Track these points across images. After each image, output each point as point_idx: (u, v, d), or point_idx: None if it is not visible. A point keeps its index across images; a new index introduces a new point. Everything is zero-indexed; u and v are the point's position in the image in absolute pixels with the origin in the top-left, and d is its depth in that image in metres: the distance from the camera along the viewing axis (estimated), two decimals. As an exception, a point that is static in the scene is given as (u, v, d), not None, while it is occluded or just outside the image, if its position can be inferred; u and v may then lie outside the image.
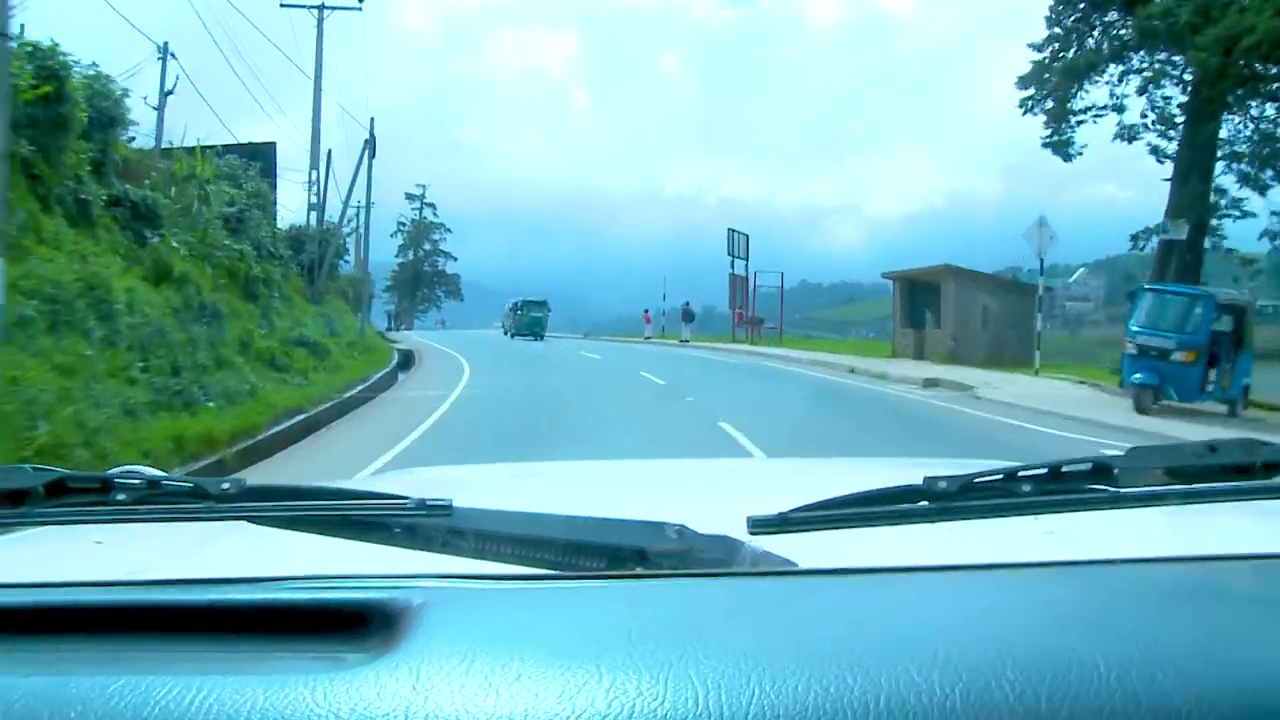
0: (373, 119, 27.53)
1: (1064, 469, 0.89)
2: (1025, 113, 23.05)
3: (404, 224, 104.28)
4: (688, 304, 36.14)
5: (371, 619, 0.72)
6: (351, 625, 0.72)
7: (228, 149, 28.37)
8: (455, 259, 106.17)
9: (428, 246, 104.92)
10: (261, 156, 28.82)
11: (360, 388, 14.70)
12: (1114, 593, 0.80)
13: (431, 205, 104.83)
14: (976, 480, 0.88)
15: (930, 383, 17.07)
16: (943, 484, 0.87)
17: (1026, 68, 22.63)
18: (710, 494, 1.72)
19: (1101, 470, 0.88)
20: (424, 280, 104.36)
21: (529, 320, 43.35)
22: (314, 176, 26.19)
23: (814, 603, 0.77)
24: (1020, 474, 0.89)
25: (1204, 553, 0.92)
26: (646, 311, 41.86)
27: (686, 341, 33.88)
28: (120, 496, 0.89)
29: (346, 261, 29.06)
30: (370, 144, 26.37)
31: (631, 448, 8.85)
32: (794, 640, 0.68)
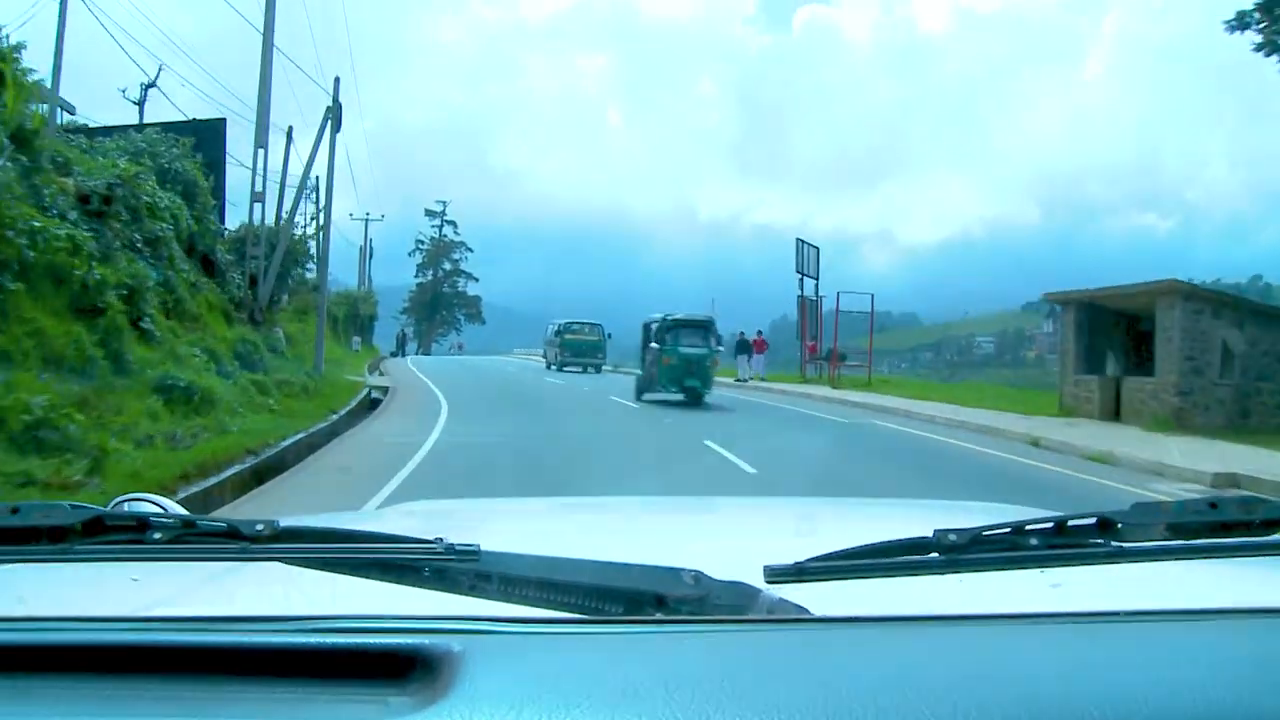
0: (338, 80, 20.57)
1: (1069, 523, 0.93)
2: (1264, 53, 15.92)
3: (422, 242, 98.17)
4: (744, 334, 28.94)
5: (414, 664, 0.74)
6: (393, 669, 0.73)
7: (168, 126, 21.72)
8: (476, 280, 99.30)
9: (447, 266, 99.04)
10: (206, 136, 22.25)
11: (206, 484, 7.69)
12: (1118, 645, 0.82)
13: (452, 223, 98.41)
14: (985, 533, 0.92)
15: (1226, 481, 9.78)
16: (952, 536, 0.90)
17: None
18: (725, 536, 1.73)
19: (1106, 525, 0.92)
20: (443, 302, 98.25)
21: (581, 348, 34.50)
22: (260, 159, 19.38)
23: (831, 652, 0.80)
24: (1027, 527, 0.92)
25: (1204, 606, 0.93)
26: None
27: (746, 381, 26.68)
28: (156, 535, 0.91)
29: (309, 270, 22.11)
30: (334, 113, 19.56)
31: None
32: (815, 690, 0.70)
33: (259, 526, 0.90)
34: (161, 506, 1.24)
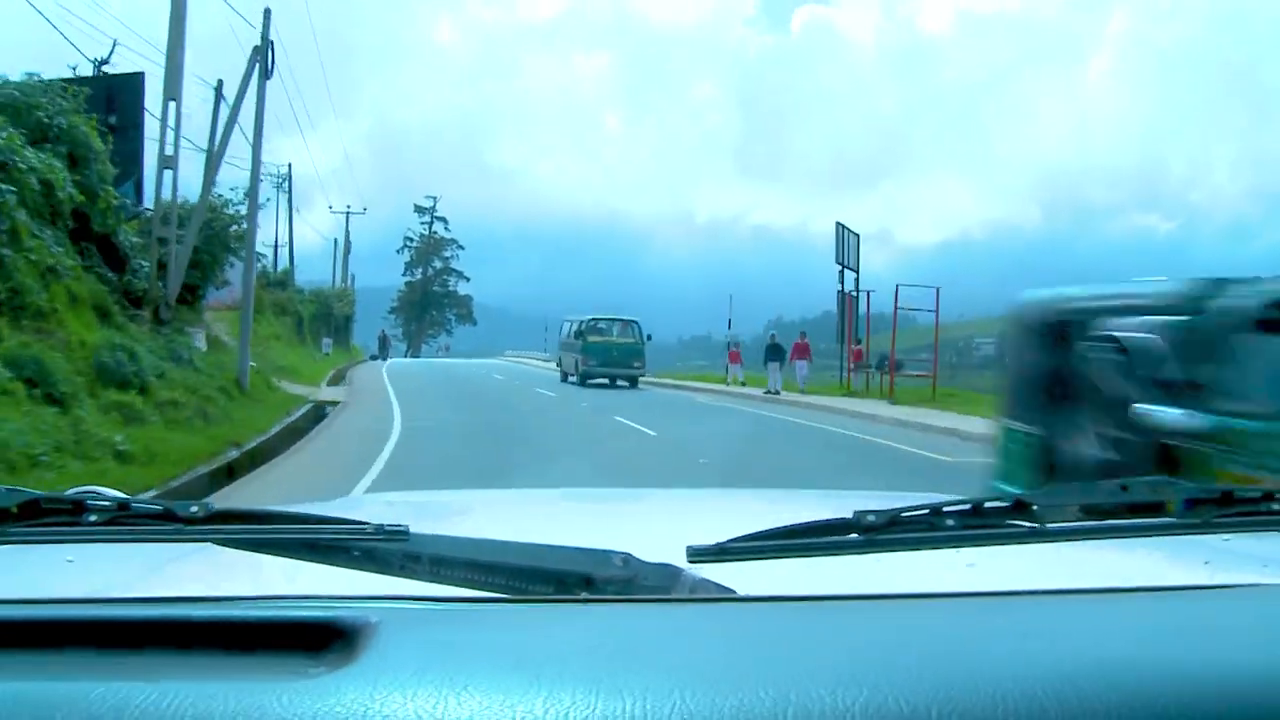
0: (268, 13, 15.70)
1: (986, 504, 0.97)
2: None
3: (411, 239, 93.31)
4: (775, 337, 24.58)
5: (332, 635, 0.76)
6: (313, 641, 0.75)
7: (69, 81, 17.19)
8: (468, 279, 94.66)
9: (438, 264, 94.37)
10: (122, 94, 17.89)
11: None
12: (1029, 621, 0.84)
13: (442, 219, 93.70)
14: (903, 514, 0.95)
15: None
16: (871, 517, 0.92)
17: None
18: (655, 523, 1.77)
19: (1021, 506, 0.96)
20: (433, 302, 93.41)
21: (612, 354, 25.83)
22: (171, 113, 14.95)
23: (752, 629, 0.82)
24: (945, 509, 0.96)
25: (1112, 585, 0.94)
26: (734, 347, 28.57)
27: (777, 394, 22.31)
28: (92, 518, 0.94)
29: (238, 259, 17.63)
30: (263, 53, 15.10)
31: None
32: (724, 661, 0.73)
33: (194, 509, 0.92)
34: (126, 504, 1.40)
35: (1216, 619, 0.87)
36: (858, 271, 24.50)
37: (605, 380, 25.56)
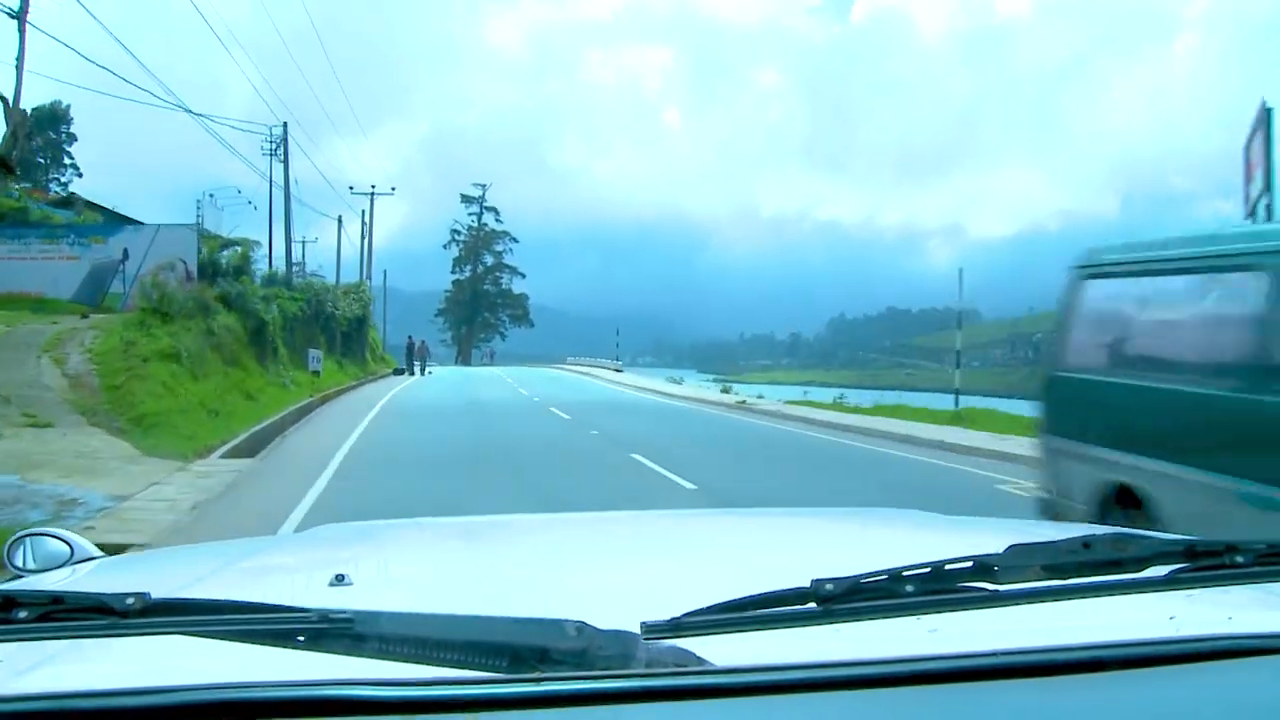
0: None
1: (946, 568, 0.96)
2: None
3: (459, 232, 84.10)
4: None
5: None
6: None
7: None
8: (523, 275, 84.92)
9: (489, 260, 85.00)
10: None
11: None
12: (996, 703, 0.86)
13: (493, 209, 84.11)
14: (863, 581, 0.94)
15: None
16: (829, 586, 0.92)
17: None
18: (611, 573, 1.66)
19: (982, 569, 0.96)
20: (484, 302, 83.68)
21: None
22: None
23: (706, 709, 0.82)
24: (905, 574, 0.95)
25: (1076, 643, 0.94)
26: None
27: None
28: (22, 614, 0.91)
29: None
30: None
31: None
32: None
33: (130, 600, 0.90)
34: (68, 542, 1.43)
35: (1183, 676, 0.90)
36: None
37: None
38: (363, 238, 41.70)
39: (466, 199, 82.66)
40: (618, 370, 44.53)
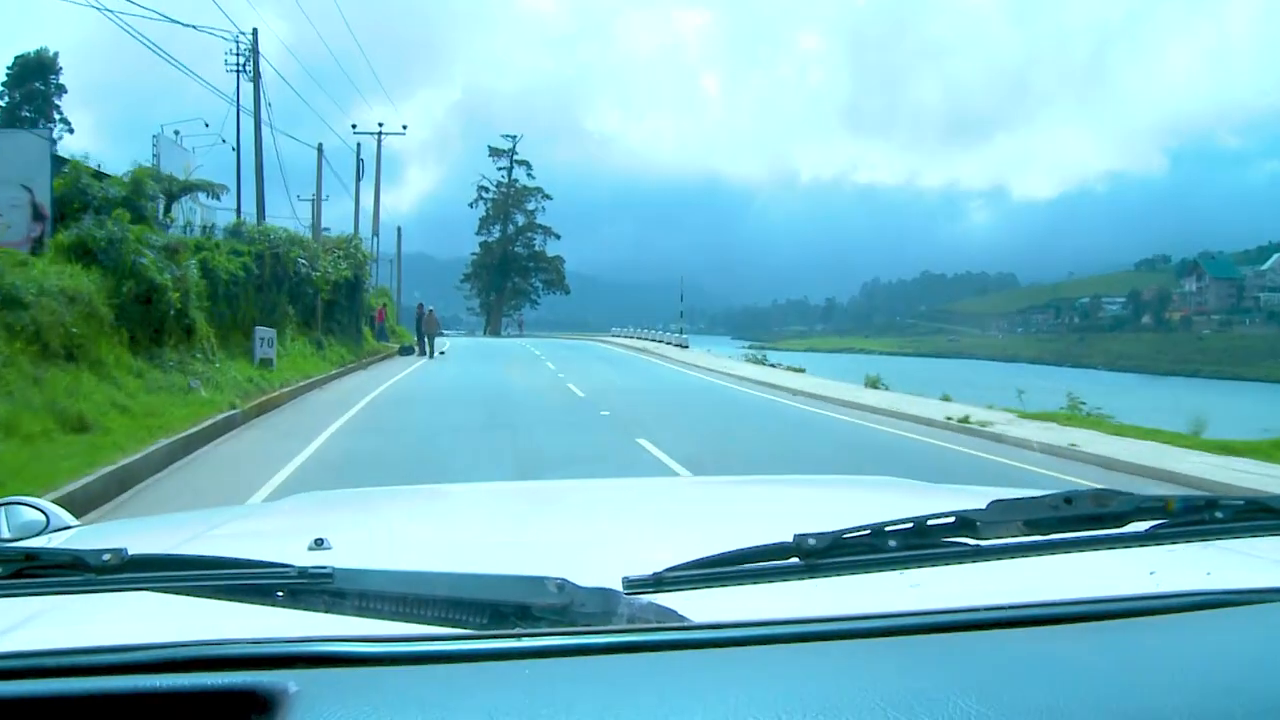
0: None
1: (929, 523, 0.94)
2: None
3: (486, 189, 73.57)
4: None
5: (249, 703, 0.73)
6: (230, 709, 0.73)
7: None
8: (558, 236, 76.21)
9: (520, 220, 76.73)
10: None
11: None
12: (976, 650, 0.85)
13: (524, 163, 75.44)
14: (845, 536, 0.92)
15: None
16: (811, 541, 0.90)
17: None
18: (593, 528, 1.68)
19: (964, 524, 0.94)
20: (515, 265, 74.90)
21: None
22: None
23: (688, 661, 0.81)
24: (887, 529, 0.93)
25: (1057, 599, 0.94)
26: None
27: None
28: None
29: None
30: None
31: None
32: (675, 700, 0.73)
33: (106, 556, 0.88)
34: (43, 510, 1.37)
35: (1162, 628, 0.91)
36: None
37: None
38: (358, 177, 33.72)
39: (495, 152, 74.31)
40: (682, 346, 35.51)
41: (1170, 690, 0.75)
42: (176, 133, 30.77)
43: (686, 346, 35.60)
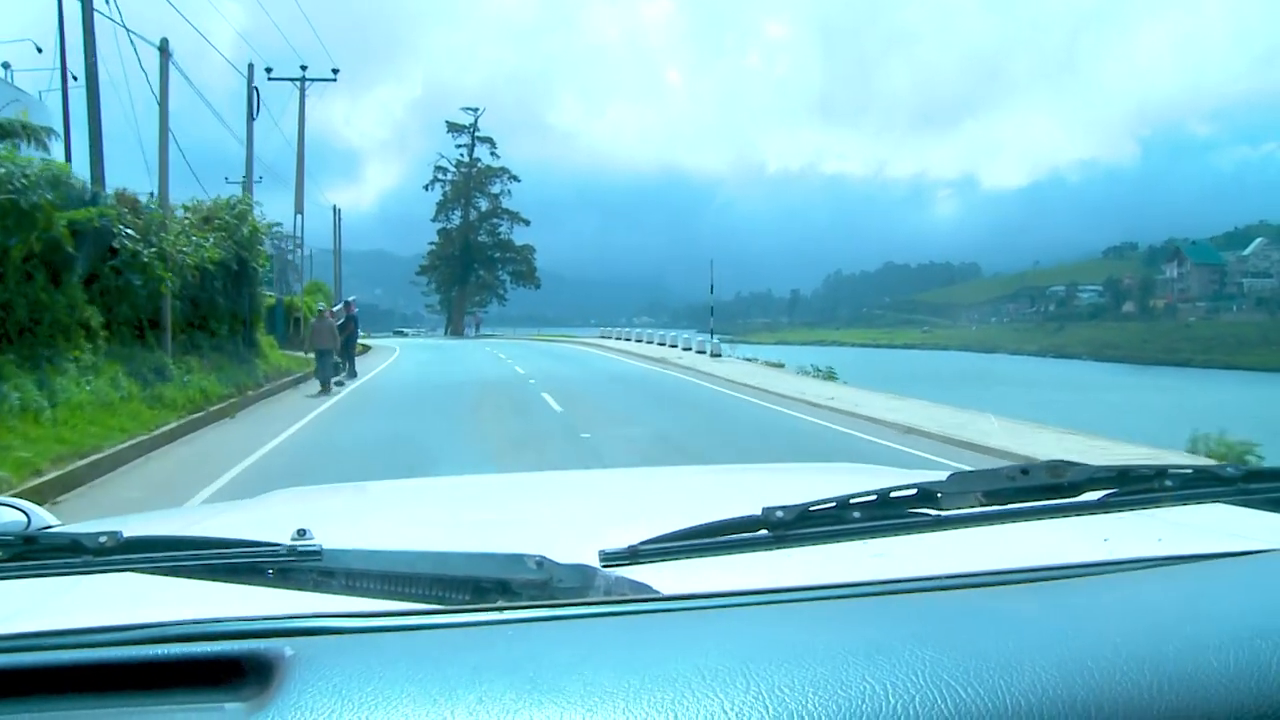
0: None
1: (892, 494, 0.98)
2: None
3: (445, 169, 64.03)
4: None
5: (247, 670, 0.76)
6: (229, 675, 0.76)
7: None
8: (526, 222, 64.93)
9: (483, 205, 68.10)
10: None
11: None
12: (935, 608, 0.88)
13: (488, 140, 65.60)
14: (812, 509, 0.96)
15: None
16: (779, 513, 0.94)
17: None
18: (568, 509, 1.74)
19: (926, 495, 0.98)
20: (478, 255, 63.53)
21: None
22: None
23: (669, 629, 0.84)
24: (852, 501, 0.97)
25: (1015, 566, 0.97)
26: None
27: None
28: None
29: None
30: None
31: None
32: (651, 668, 0.74)
33: (102, 538, 0.91)
34: (24, 511, 1.32)
35: (1116, 594, 0.93)
36: None
37: None
38: (250, 116, 25.22)
39: (454, 128, 65.50)
40: (715, 356, 27.11)
41: (1119, 641, 0.78)
42: (5, 65, 22.32)
43: (720, 356, 27.34)
